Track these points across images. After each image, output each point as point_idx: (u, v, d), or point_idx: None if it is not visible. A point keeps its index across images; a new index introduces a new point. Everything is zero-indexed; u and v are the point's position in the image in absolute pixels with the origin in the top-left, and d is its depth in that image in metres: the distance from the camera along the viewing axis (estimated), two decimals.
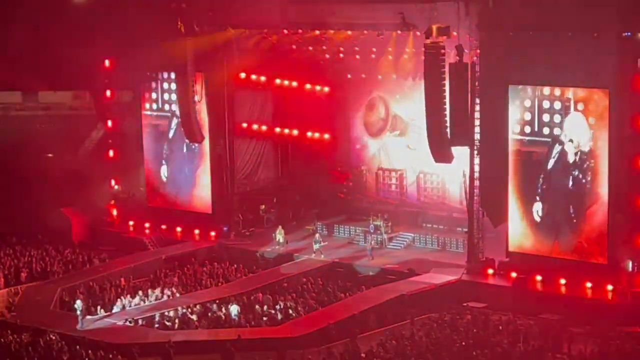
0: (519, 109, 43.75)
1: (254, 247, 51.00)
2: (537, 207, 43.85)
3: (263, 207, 54.53)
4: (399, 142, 53.88)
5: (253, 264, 48.79)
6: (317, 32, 50.08)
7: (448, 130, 44.68)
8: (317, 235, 50.09)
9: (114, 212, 55.72)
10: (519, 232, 44.52)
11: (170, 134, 54.83)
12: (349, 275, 46.67)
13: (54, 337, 38.40)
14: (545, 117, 43.05)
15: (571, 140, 42.53)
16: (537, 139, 43.47)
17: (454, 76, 44.13)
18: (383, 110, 54.06)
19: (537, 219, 43.88)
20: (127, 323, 41.16)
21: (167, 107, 54.62)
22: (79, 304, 41.20)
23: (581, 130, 42.30)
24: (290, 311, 41.56)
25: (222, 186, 53.64)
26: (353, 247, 49.91)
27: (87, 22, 52.73)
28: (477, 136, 44.88)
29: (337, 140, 55.68)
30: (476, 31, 44.04)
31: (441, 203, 52.64)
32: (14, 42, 54.89)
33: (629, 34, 40.80)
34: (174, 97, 53.73)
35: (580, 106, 42.26)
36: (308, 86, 54.42)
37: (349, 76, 53.95)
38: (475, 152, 45.06)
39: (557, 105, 42.75)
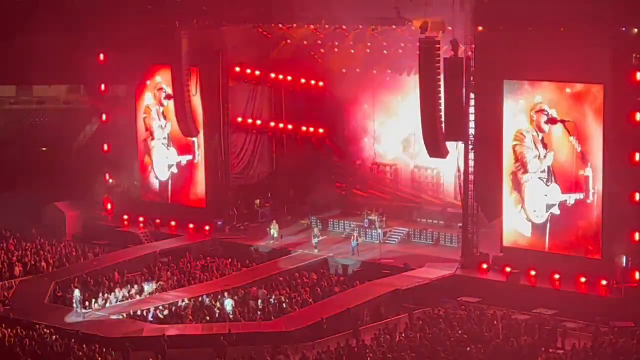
0: (514, 104, 43.82)
1: (248, 241, 50.98)
2: (532, 202, 43.87)
3: (258, 201, 54.55)
4: (393, 135, 53.88)
5: (247, 258, 48.75)
6: (312, 26, 50.01)
7: (443, 125, 44.63)
8: (315, 229, 50.06)
9: (108, 206, 55.67)
10: (513, 227, 44.53)
11: (165, 128, 54.76)
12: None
13: (47, 331, 38.35)
14: (541, 112, 43.09)
15: (566, 136, 42.54)
16: (532, 133, 43.51)
17: (449, 71, 44.06)
18: None
19: (532, 213, 43.88)
20: (121, 317, 41.11)
21: (161, 101, 54.54)
22: (77, 293, 41.34)
23: (576, 125, 42.35)
24: (284, 305, 41.54)
25: (216, 180, 53.61)
26: (348, 242, 49.83)
27: (82, 16, 52.64)
28: (471, 131, 44.87)
29: (331, 134, 55.64)
30: (471, 26, 44.00)
31: (436, 198, 52.62)
32: (7, 35, 54.78)
33: (624, 28, 40.80)
34: (168, 91, 53.64)
35: (575, 101, 42.27)
36: (303, 80, 54.35)
37: (343, 70, 53.85)
38: (470, 147, 45.05)
39: (552, 99, 42.83)
